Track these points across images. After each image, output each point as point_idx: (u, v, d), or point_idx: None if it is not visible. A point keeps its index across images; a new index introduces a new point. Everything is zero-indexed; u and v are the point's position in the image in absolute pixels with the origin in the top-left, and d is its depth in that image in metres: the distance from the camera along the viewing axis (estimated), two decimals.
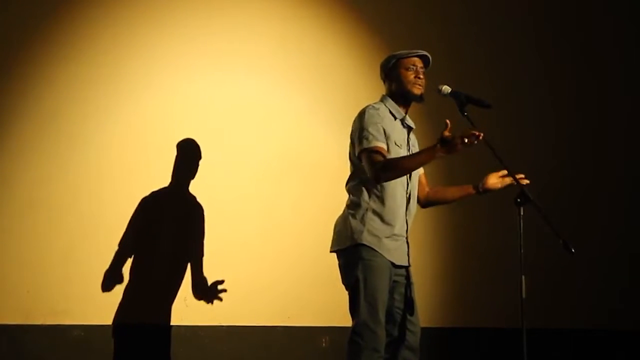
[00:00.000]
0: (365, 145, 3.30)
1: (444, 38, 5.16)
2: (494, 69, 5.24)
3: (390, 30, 5.05)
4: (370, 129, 3.31)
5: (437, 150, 3.17)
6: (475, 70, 5.16)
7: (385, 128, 3.34)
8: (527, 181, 3.35)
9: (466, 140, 3.08)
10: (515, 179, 3.28)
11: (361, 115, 3.39)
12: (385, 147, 3.30)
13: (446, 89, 3.39)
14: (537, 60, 5.35)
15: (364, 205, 3.34)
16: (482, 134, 3.09)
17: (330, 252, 3.43)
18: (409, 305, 3.38)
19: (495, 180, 3.53)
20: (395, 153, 3.34)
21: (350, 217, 3.35)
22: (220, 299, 4.52)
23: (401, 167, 3.27)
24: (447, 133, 3.15)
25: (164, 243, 4.57)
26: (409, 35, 5.04)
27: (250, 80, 4.86)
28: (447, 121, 3.15)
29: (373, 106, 3.40)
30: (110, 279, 4.42)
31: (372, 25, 5.09)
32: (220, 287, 4.50)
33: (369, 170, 3.29)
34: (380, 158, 3.26)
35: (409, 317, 3.37)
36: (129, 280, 4.46)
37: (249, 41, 4.89)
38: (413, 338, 3.36)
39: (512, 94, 5.22)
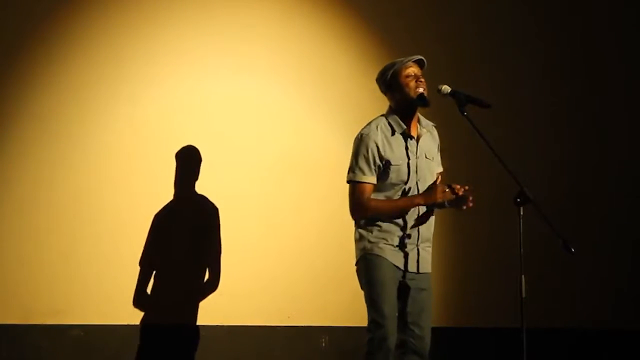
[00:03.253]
0: (352, 177, 3.41)
1: (444, 37, 5.15)
2: (494, 69, 5.23)
3: (390, 29, 5.04)
4: (359, 161, 3.39)
5: (415, 198, 3.36)
6: (475, 69, 5.15)
7: (382, 151, 3.38)
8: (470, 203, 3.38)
9: (448, 195, 3.32)
10: (516, 180, 3.26)
11: (355, 141, 3.46)
12: (372, 179, 3.38)
13: (446, 88, 3.38)
14: (537, 61, 5.34)
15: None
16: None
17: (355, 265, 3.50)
18: (419, 309, 3.41)
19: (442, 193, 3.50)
20: (394, 170, 3.38)
21: (358, 229, 3.44)
22: (220, 299, 4.53)
23: (380, 214, 3.38)
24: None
25: (164, 243, 4.57)
26: (409, 34, 5.03)
27: (251, 80, 4.86)
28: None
29: (369, 128, 3.44)
30: (111, 279, 4.44)
31: (372, 24, 5.08)
32: (220, 287, 4.52)
33: (350, 205, 3.43)
34: (363, 196, 3.37)
35: (418, 321, 3.40)
36: (129, 281, 4.46)
37: (249, 41, 4.88)
38: (420, 343, 3.39)
39: (512, 93, 5.21)
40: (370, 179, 3.38)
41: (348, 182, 3.43)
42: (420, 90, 3.41)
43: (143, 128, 4.68)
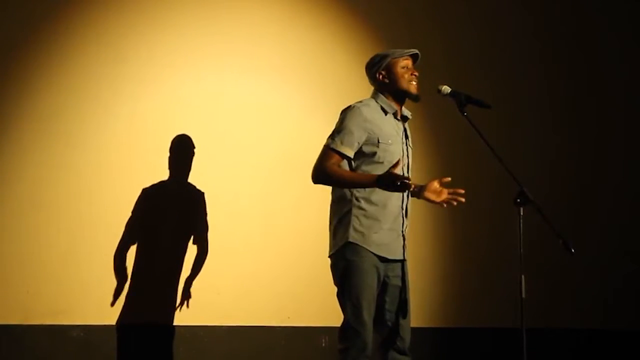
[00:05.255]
0: (329, 142, 3.31)
1: (443, 38, 5.16)
2: (493, 69, 5.24)
3: (389, 29, 5.06)
4: (341, 131, 3.30)
5: (376, 180, 3.16)
6: (475, 70, 5.16)
7: (372, 127, 3.32)
8: (463, 199, 3.33)
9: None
10: (516, 180, 3.24)
11: (345, 111, 3.38)
12: (348, 151, 3.28)
13: (446, 89, 3.38)
14: (536, 61, 5.35)
15: (351, 199, 3.32)
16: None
17: (328, 257, 3.42)
18: (401, 308, 3.35)
19: (433, 193, 3.40)
20: (383, 149, 3.32)
21: (335, 218, 3.36)
22: (220, 299, 4.54)
23: (336, 180, 3.28)
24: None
25: (164, 243, 4.57)
26: (409, 34, 5.04)
27: (251, 80, 4.87)
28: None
29: (361, 103, 3.38)
30: (111, 280, 4.44)
31: (372, 24, 5.10)
32: (219, 287, 4.52)
33: (314, 165, 3.31)
34: (329, 161, 3.27)
35: (399, 320, 3.34)
36: (129, 281, 4.47)
37: (250, 41, 4.89)
38: (401, 342, 3.34)
39: (512, 94, 5.22)
40: (346, 150, 3.28)
41: (325, 145, 3.31)
42: (415, 89, 3.41)
43: (143, 128, 4.68)
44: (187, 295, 4.48)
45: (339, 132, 3.31)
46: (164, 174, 4.59)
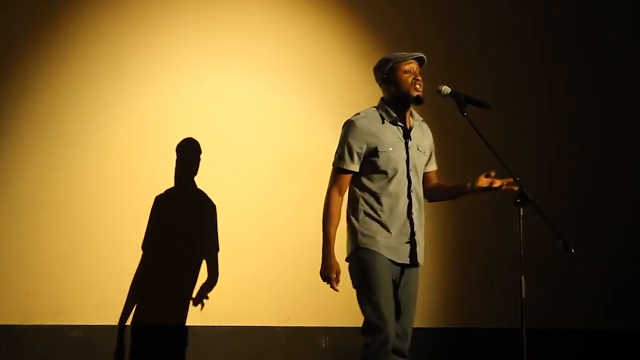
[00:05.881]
0: (334, 163, 3.46)
1: (443, 38, 5.16)
2: (493, 69, 5.24)
3: (389, 29, 5.05)
4: (343, 148, 3.42)
5: (326, 260, 3.40)
6: (475, 70, 5.16)
7: (368, 138, 3.38)
8: (516, 187, 3.31)
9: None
10: (515, 180, 3.24)
11: (343, 127, 3.47)
12: (353, 166, 3.40)
13: (446, 89, 3.39)
14: (536, 61, 5.35)
15: (358, 207, 3.41)
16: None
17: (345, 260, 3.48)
18: (404, 308, 3.39)
19: (486, 183, 3.46)
20: (384, 157, 3.37)
21: (349, 222, 3.45)
22: (221, 299, 4.54)
23: (324, 220, 3.44)
24: None
25: (164, 244, 4.57)
26: (408, 35, 5.04)
27: (252, 80, 4.86)
28: None
29: (358, 116, 3.46)
30: (111, 280, 4.44)
31: (371, 24, 5.09)
32: (220, 287, 4.52)
33: (328, 186, 3.46)
34: (334, 190, 3.43)
35: (401, 321, 3.38)
36: (129, 281, 4.46)
37: (250, 42, 4.89)
38: (401, 343, 3.37)
39: (512, 94, 5.22)
40: (351, 166, 3.40)
41: (333, 165, 3.46)
42: (417, 92, 3.42)
43: (143, 128, 4.68)
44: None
45: (339, 150, 3.44)
46: (163, 174, 4.59)
